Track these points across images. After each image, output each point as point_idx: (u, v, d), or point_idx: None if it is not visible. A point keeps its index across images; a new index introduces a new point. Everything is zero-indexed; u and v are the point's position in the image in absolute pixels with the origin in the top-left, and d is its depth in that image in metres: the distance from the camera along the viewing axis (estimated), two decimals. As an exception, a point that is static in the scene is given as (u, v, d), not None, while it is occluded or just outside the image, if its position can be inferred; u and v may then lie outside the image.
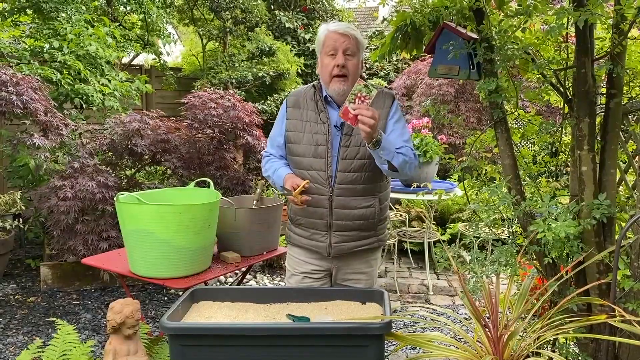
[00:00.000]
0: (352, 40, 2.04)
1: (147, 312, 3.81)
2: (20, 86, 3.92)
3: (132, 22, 7.42)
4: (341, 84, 2.05)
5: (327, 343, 1.58)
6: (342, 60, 2.03)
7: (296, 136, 2.14)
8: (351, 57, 2.05)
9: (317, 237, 2.16)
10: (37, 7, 5.09)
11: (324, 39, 2.08)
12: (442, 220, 5.53)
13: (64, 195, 3.76)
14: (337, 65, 2.03)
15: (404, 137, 2.14)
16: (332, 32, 2.05)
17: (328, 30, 2.07)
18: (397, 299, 4.16)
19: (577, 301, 1.75)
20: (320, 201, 2.10)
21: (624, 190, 2.25)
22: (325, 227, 2.13)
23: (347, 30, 2.04)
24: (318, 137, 2.10)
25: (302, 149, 2.12)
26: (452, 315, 2.42)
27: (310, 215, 2.14)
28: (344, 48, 2.03)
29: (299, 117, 2.15)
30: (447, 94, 6.61)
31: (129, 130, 4.05)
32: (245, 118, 4.46)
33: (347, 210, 2.11)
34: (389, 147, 1.97)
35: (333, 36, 2.04)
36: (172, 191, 2.92)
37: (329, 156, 2.08)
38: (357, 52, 2.06)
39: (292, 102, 2.20)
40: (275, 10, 8.88)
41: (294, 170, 2.17)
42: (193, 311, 1.83)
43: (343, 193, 2.09)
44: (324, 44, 2.07)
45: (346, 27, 2.05)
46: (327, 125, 2.09)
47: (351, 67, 2.05)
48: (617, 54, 1.85)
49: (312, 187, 2.10)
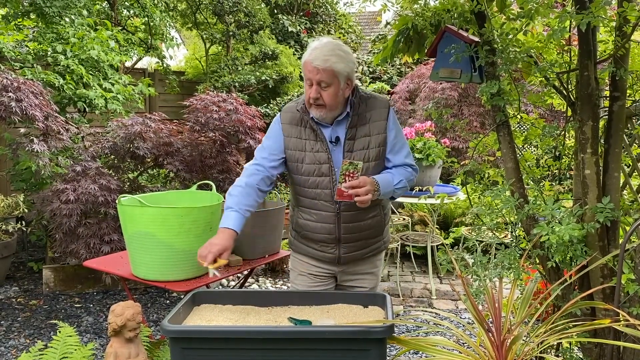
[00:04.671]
0: (327, 73, 1.96)
1: (148, 316, 3.80)
2: (22, 91, 3.92)
3: (136, 25, 7.44)
4: (318, 111, 2.03)
5: (329, 347, 1.57)
6: (316, 93, 1.99)
7: (297, 155, 2.10)
8: (327, 88, 1.99)
9: (325, 249, 2.16)
10: (40, 11, 5.11)
11: (302, 64, 2.03)
12: (445, 224, 5.52)
13: (66, 198, 3.76)
14: (311, 97, 2.00)
15: (403, 152, 2.13)
16: (307, 62, 1.99)
17: (307, 58, 2.00)
18: (399, 303, 4.15)
19: (580, 305, 1.73)
20: (328, 218, 2.09)
21: (628, 194, 2.23)
22: (333, 240, 2.13)
23: (320, 65, 1.95)
24: (319, 155, 2.07)
25: (305, 168, 2.09)
26: (455, 320, 2.41)
27: (318, 230, 2.13)
28: (317, 80, 1.98)
29: (297, 135, 2.11)
30: (450, 98, 6.60)
31: (131, 133, 4.05)
32: (247, 122, 4.47)
33: (355, 224, 2.11)
34: (387, 191, 2.02)
35: (308, 67, 1.99)
36: (174, 194, 2.92)
37: (332, 174, 2.06)
38: (333, 81, 1.98)
39: (287, 119, 2.14)
40: (279, 14, 8.90)
41: (298, 188, 2.13)
42: (194, 314, 1.82)
43: (350, 208, 2.07)
44: (302, 69, 2.04)
45: (323, 57, 1.96)
46: (324, 143, 2.07)
47: (326, 97, 1.99)
48: (620, 56, 1.84)
49: (319, 204, 2.09)
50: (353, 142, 2.06)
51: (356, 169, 1.94)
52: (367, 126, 2.08)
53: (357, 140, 2.07)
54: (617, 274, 1.68)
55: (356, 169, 1.94)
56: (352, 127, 2.07)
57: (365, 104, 2.10)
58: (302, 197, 2.15)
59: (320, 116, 2.04)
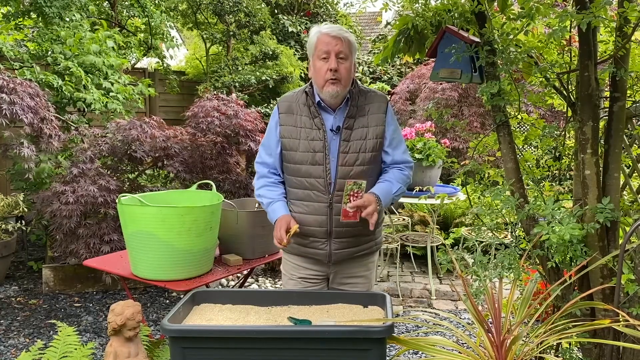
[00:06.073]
0: (345, 43, 2.01)
1: (148, 315, 3.80)
2: (17, 92, 3.90)
3: (136, 25, 7.44)
4: (335, 86, 2.02)
5: (329, 346, 1.57)
6: (335, 64, 2.00)
7: (292, 143, 2.10)
8: (344, 61, 2.01)
9: (316, 244, 2.13)
10: (40, 10, 5.11)
11: (316, 41, 2.04)
12: (445, 224, 5.52)
13: (66, 199, 3.76)
14: (330, 70, 2.00)
15: (402, 147, 2.16)
16: (324, 35, 2.01)
17: (320, 32, 2.03)
18: (399, 303, 4.14)
19: (580, 306, 1.73)
20: (320, 209, 2.07)
21: (628, 194, 2.23)
22: (324, 234, 2.10)
23: (340, 33, 2.01)
24: (315, 143, 2.06)
25: (299, 156, 2.08)
26: (454, 320, 2.41)
27: (310, 223, 2.10)
28: (337, 51, 2.00)
29: (293, 123, 2.11)
30: (450, 98, 6.60)
31: (128, 137, 4.06)
32: (247, 125, 4.48)
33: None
34: (387, 201, 2.06)
35: (325, 39, 2.01)
36: (174, 193, 2.92)
37: (327, 163, 2.05)
38: (349, 55, 2.03)
39: (284, 108, 2.14)
40: (279, 14, 8.90)
41: (291, 178, 2.13)
42: (194, 314, 1.82)
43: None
44: (316, 47, 2.04)
45: (339, 30, 2.03)
46: (322, 131, 2.06)
47: (343, 71, 2.02)
48: (620, 57, 1.84)
49: (312, 195, 2.08)
50: (350, 132, 2.06)
51: (360, 189, 1.94)
52: (366, 117, 2.08)
53: (354, 130, 2.07)
54: (616, 275, 1.68)
55: (360, 188, 1.94)
56: (351, 117, 2.07)
57: (364, 96, 2.12)
58: (294, 188, 2.14)
59: (334, 92, 2.03)
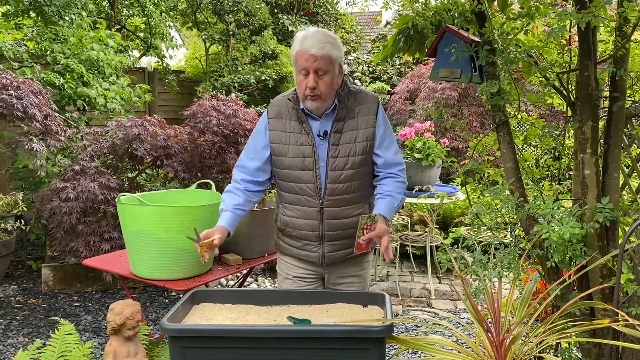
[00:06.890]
0: (324, 60, 1.94)
1: (148, 315, 3.80)
2: (21, 90, 3.92)
3: (136, 25, 7.44)
4: (314, 103, 1.99)
5: (328, 346, 1.57)
6: (313, 82, 1.95)
7: (281, 148, 2.07)
8: (323, 76, 1.96)
9: (309, 247, 2.12)
10: (40, 9, 5.11)
11: (295, 55, 1.99)
12: (445, 224, 5.52)
13: (65, 196, 3.76)
14: (308, 87, 1.97)
15: (393, 148, 2.11)
16: (303, 51, 1.95)
17: (300, 48, 1.96)
18: (398, 303, 4.15)
19: (580, 305, 1.73)
20: (311, 213, 2.07)
21: (628, 194, 2.24)
22: (317, 238, 2.09)
23: (318, 52, 1.93)
24: (304, 148, 2.04)
25: (288, 161, 2.07)
26: (454, 320, 2.41)
27: (302, 227, 2.10)
28: (315, 68, 1.94)
29: (282, 128, 2.08)
30: (450, 98, 6.60)
31: (129, 134, 4.05)
32: (246, 125, 4.47)
33: (338, 221, 2.08)
34: (393, 214, 2.05)
35: (304, 55, 1.94)
36: (174, 193, 2.92)
37: (316, 168, 2.03)
38: (330, 67, 1.97)
39: (274, 113, 2.11)
40: (279, 13, 8.90)
41: (282, 183, 2.12)
42: (193, 313, 1.82)
43: (334, 204, 2.05)
44: (295, 61, 2.00)
45: (319, 44, 1.94)
46: (310, 136, 2.04)
47: (323, 86, 1.97)
48: (620, 56, 1.84)
49: (302, 200, 2.07)
50: (340, 135, 2.04)
51: (374, 221, 1.94)
52: (355, 120, 2.05)
53: (343, 133, 2.04)
54: (616, 274, 1.68)
55: (373, 221, 1.95)
56: (340, 120, 2.04)
57: (354, 98, 2.07)
58: (285, 192, 2.13)
59: (315, 108, 2.00)
